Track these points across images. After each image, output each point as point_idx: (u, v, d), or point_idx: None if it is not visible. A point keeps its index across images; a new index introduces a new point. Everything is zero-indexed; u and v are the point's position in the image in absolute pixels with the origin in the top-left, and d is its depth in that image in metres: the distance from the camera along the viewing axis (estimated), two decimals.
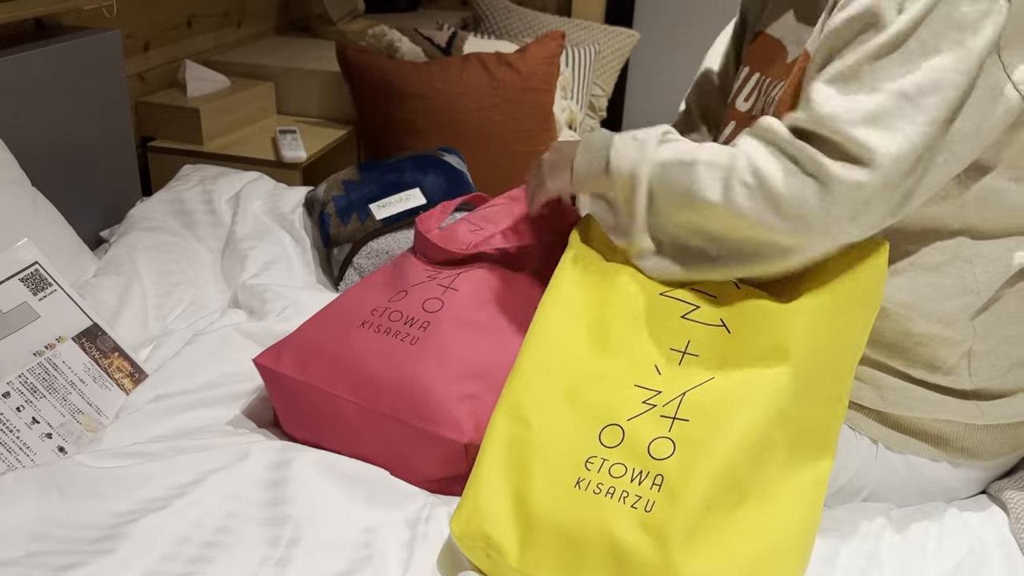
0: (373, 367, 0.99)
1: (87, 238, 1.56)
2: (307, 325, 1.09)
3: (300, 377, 1.02)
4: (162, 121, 2.04)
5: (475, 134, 2.07)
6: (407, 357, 0.99)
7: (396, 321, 1.04)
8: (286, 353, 1.05)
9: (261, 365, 1.05)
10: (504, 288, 1.09)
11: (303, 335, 1.07)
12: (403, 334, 1.02)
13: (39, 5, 1.54)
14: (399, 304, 1.06)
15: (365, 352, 1.01)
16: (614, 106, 3.01)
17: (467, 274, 1.09)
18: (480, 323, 1.04)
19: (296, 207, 1.61)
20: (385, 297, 1.08)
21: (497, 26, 2.70)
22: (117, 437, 1.03)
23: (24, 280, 1.12)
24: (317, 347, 1.04)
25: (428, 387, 0.96)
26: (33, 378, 1.07)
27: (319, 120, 2.28)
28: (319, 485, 0.92)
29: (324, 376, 1.01)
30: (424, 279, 1.10)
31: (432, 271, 1.11)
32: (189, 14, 2.21)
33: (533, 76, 2.10)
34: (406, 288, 1.09)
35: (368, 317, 1.05)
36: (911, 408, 0.94)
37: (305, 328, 1.08)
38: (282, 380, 1.03)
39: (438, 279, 1.09)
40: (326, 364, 1.02)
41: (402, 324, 1.03)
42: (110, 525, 0.86)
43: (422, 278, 1.10)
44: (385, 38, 2.19)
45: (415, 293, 1.07)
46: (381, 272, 1.16)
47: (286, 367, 1.03)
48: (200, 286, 1.43)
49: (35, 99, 1.51)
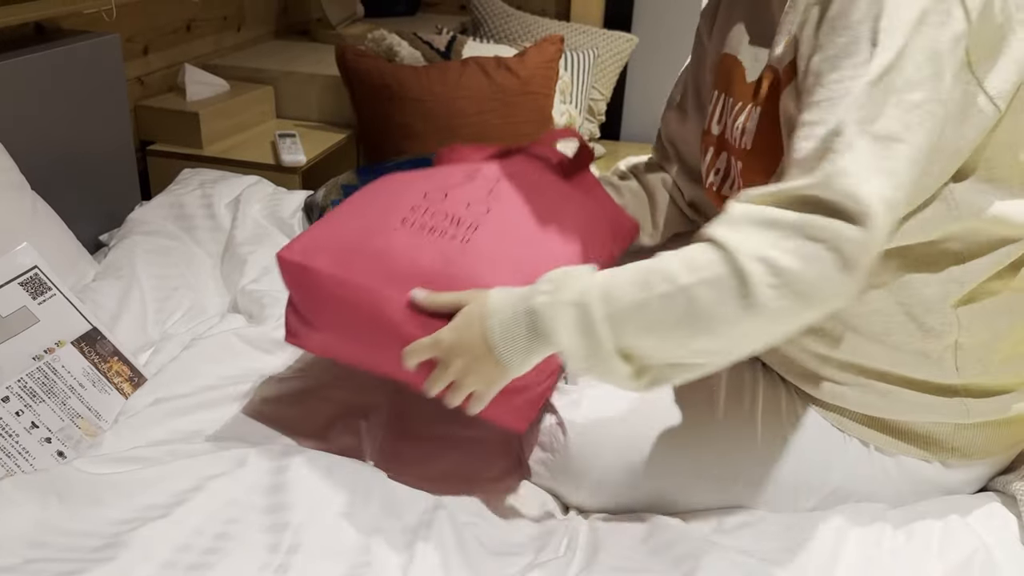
0: (423, 265, 0.91)
1: (86, 242, 1.56)
2: (334, 220, 0.99)
3: (341, 274, 0.92)
4: (161, 125, 2.04)
5: (474, 138, 2.07)
6: (460, 257, 0.92)
7: (441, 220, 0.96)
8: (320, 249, 0.94)
9: (289, 261, 0.95)
10: (542, 187, 1.05)
11: (333, 230, 0.96)
12: (450, 234, 0.94)
13: (39, 9, 1.55)
14: (441, 204, 0.98)
15: (413, 250, 0.92)
16: (613, 110, 3.01)
17: (506, 175, 1.03)
18: (527, 228, 0.98)
19: (295, 211, 1.61)
20: (420, 193, 1.00)
21: (496, 30, 2.70)
22: (116, 441, 1.03)
23: (23, 284, 1.12)
24: (356, 243, 0.94)
25: (486, 287, 0.90)
26: (32, 382, 1.06)
27: (318, 124, 2.28)
28: (318, 490, 0.92)
29: (368, 273, 0.91)
30: (461, 180, 1.02)
31: (468, 170, 1.04)
32: (188, 18, 2.21)
33: (532, 80, 2.10)
34: (444, 188, 1.01)
35: (408, 214, 0.97)
36: (897, 411, 0.95)
37: (333, 223, 0.98)
38: (315, 277, 0.93)
39: (477, 180, 1.02)
40: (369, 261, 0.92)
41: (448, 223, 0.95)
42: (110, 533, 0.86)
43: (459, 179, 1.02)
44: (384, 42, 2.19)
45: (457, 195, 0.99)
46: (405, 174, 1.07)
47: (321, 263, 0.93)
48: (199, 290, 1.43)
49: (35, 103, 1.51)
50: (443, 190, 1.00)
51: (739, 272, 0.75)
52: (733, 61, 1.03)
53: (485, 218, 0.96)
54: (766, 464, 0.98)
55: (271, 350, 1.21)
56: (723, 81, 1.05)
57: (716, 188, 1.06)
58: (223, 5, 2.36)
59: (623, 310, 0.79)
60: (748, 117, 0.97)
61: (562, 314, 0.81)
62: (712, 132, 1.07)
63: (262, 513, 0.89)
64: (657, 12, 2.95)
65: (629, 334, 0.79)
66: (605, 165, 2.68)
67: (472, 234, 0.94)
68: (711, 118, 1.08)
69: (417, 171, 1.07)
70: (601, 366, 0.81)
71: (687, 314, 0.77)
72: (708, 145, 1.08)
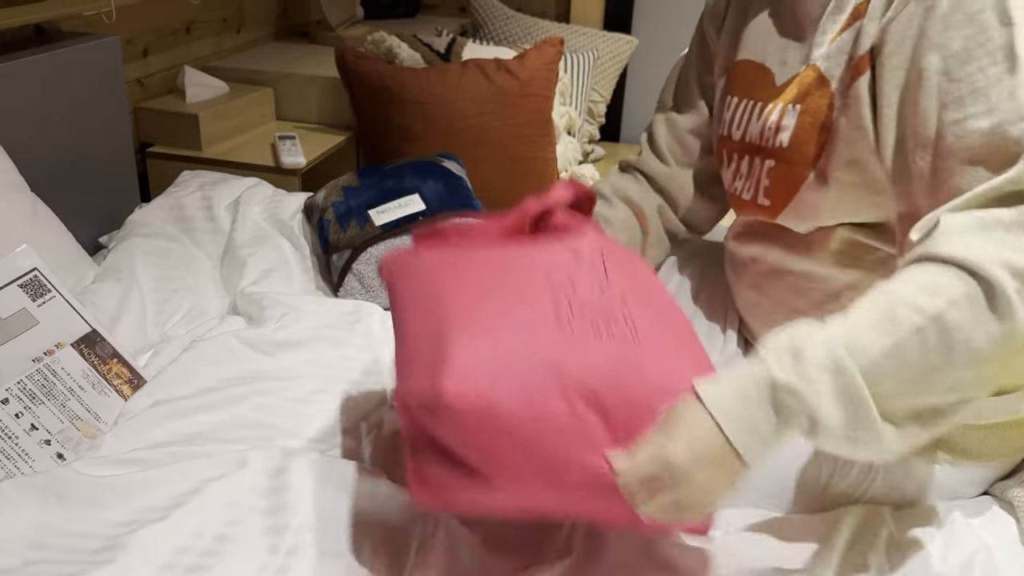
0: (612, 379, 0.75)
1: (86, 244, 1.56)
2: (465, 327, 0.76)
3: (531, 405, 0.72)
4: (161, 127, 2.04)
5: (474, 140, 2.07)
6: (643, 360, 0.77)
7: (593, 315, 0.79)
8: (485, 373, 0.73)
9: (459, 398, 0.71)
10: (614, 251, 0.91)
11: (478, 343, 0.75)
12: (613, 333, 0.78)
13: (39, 11, 1.55)
14: (576, 295, 0.81)
15: (589, 361, 0.75)
16: (612, 112, 3.01)
17: (595, 247, 0.88)
18: (658, 306, 0.85)
19: (295, 213, 1.61)
20: (544, 280, 0.82)
21: (496, 32, 2.71)
22: (116, 444, 1.03)
23: (23, 286, 1.11)
24: (523, 361, 0.74)
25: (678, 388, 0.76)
26: (32, 384, 1.06)
27: (318, 126, 2.28)
28: (318, 492, 0.92)
29: (558, 398, 0.73)
30: (568, 258, 0.86)
31: (557, 243, 0.88)
32: (188, 20, 2.21)
33: (532, 82, 2.10)
34: (561, 271, 0.84)
35: (556, 310, 0.78)
36: None
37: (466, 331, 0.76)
38: (497, 415, 0.72)
39: (582, 256, 0.86)
40: (549, 381, 0.74)
41: (603, 320, 0.79)
42: (109, 535, 0.86)
43: (564, 256, 0.86)
44: (384, 44, 2.19)
45: (582, 281, 0.83)
46: (486, 251, 0.88)
47: (502, 394, 0.72)
48: (199, 292, 1.43)
49: (34, 105, 1.51)
50: (564, 273, 0.83)
51: (986, 284, 0.69)
52: (755, 67, 1.03)
53: (630, 308, 0.82)
54: (769, 464, 0.98)
55: (271, 352, 1.21)
56: (742, 87, 1.05)
57: (740, 193, 1.05)
58: (223, 7, 2.36)
59: (876, 361, 0.70)
60: (782, 115, 0.96)
61: (816, 385, 0.70)
62: (732, 138, 1.06)
63: (262, 515, 0.89)
64: (657, 14, 2.95)
65: (888, 387, 0.70)
66: (604, 167, 2.68)
67: (634, 330, 0.79)
68: (729, 125, 1.06)
69: (496, 245, 0.89)
70: (864, 434, 0.71)
71: (942, 344, 0.69)
72: (731, 152, 1.06)
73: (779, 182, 0.98)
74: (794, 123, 0.95)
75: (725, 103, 1.08)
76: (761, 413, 0.71)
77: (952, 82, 0.79)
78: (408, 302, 0.85)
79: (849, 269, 0.98)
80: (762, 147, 1.00)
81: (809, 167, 0.94)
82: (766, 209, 1.01)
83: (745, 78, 1.05)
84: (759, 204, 1.02)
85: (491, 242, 0.94)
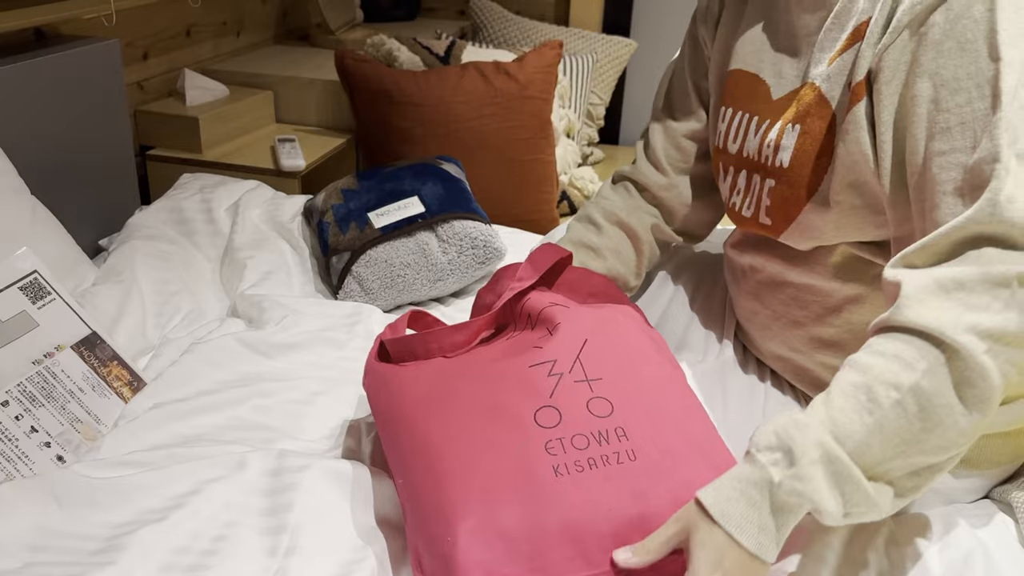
0: (620, 515, 0.76)
1: (86, 247, 1.57)
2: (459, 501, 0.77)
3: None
4: (161, 130, 2.04)
5: (473, 142, 2.08)
6: (647, 482, 0.78)
7: (585, 445, 0.80)
8: (502, 560, 0.74)
9: None
10: (601, 325, 0.93)
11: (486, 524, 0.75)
12: (610, 460, 0.79)
13: (38, 14, 1.55)
14: (561, 424, 0.81)
15: (595, 504, 0.76)
16: (611, 114, 3.02)
17: (569, 333, 0.89)
18: (653, 397, 0.86)
19: (295, 216, 1.61)
20: (525, 415, 0.82)
21: (495, 35, 2.71)
22: (115, 446, 1.03)
23: (23, 289, 1.12)
24: (532, 534, 0.75)
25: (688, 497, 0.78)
26: (32, 387, 1.07)
27: (318, 129, 2.28)
28: (317, 493, 0.92)
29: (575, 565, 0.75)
30: (538, 371, 0.86)
31: (525, 351, 0.89)
32: (188, 23, 2.22)
33: (531, 85, 2.11)
34: (537, 390, 0.85)
35: (546, 454, 0.79)
36: None
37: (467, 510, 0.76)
38: None
39: (557, 359, 0.87)
40: (564, 547, 0.75)
41: (595, 444, 0.80)
42: (108, 536, 0.86)
43: (532, 370, 0.87)
44: (384, 47, 2.19)
45: (562, 395, 0.84)
46: (452, 384, 0.88)
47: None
48: (199, 295, 1.43)
49: (34, 108, 1.51)
50: (539, 395, 0.84)
51: (952, 352, 0.71)
52: (750, 78, 1.01)
53: (621, 415, 0.82)
54: None
55: (270, 354, 1.22)
56: (737, 98, 1.03)
57: (739, 209, 1.04)
58: (223, 10, 2.36)
59: (863, 441, 0.72)
60: (781, 134, 0.95)
61: (813, 480, 0.72)
62: (728, 151, 1.05)
63: (260, 516, 0.89)
64: (656, 17, 2.96)
65: (878, 458, 0.73)
66: (603, 170, 2.68)
67: (629, 444, 0.80)
68: (725, 136, 1.05)
69: (464, 375, 0.89)
70: (862, 509, 0.74)
71: (923, 412, 0.72)
72: (727, 164, 1.05)
73: (781, 203, 0.97)
74: (794, 144, 0.94)
75: (720, 114, 1.07)
76: (766, 514, 0.73)
77: (940, 112, 0.78)
78: (398, 435, 0.88)
79: (850, 283, 0.97)
80: (761, 164, 0.99)
81: (811, 189, 0.93)
82: (768, 228, 1.01)
83: (740, 89, 1.03)
84: (761, 223, 1.01)
85: (462, 351, 0.96)
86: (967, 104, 0.77)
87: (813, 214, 0.94)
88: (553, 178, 2.19)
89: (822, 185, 0.92)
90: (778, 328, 1.05)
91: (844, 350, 0.98)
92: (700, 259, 1.29)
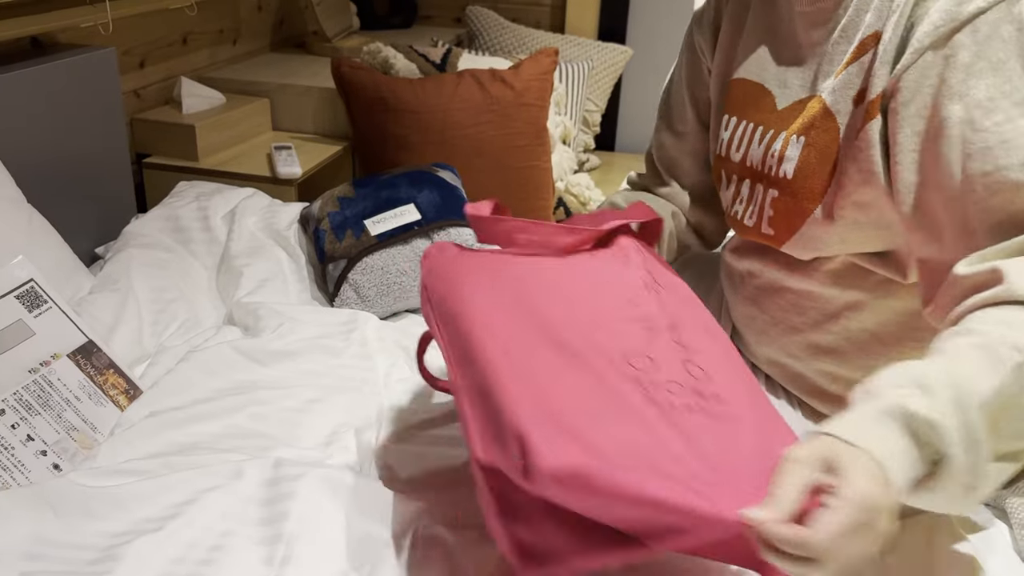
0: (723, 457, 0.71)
1: (82, 255, 1.57)
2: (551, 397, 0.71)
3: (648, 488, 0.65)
4: (157, 138, 2.04)
5: (469, 150, 2.08)
6: (737, 437, 0.73)
7: (682, 394, 0.75)
8: (588, 446, 0.67)
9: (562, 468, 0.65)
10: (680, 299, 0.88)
11: (566, 412, 0.70)
12: (705, 409, 0.74)
13: (35, 23, 1.55)
14: (660, 371, 0.77)
15: (694, 441, 0.71)
16: (607, 121, 3.02)
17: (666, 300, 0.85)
18: (732, 366, 0.82)
19: (291, 223, 1.61)
20: (619, 350, 0.77)
21: (491, 43, 2.72)
22: (112, 454, 1.03)
23: (19, 297, 1.12)
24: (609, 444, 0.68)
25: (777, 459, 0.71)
26: (28, 395, 1.06)
27: (314, 136, 2.29)
28: (314, 501, 0.92)
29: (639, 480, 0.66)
30: (639, 331, 0.81)
31: (630, 302, 0.84)
32: (185, 31, 2.22)
33: (527, 92, 2.11)
34: (638, 344, 0.79)
35: (639, 388, 0.74)
36: None
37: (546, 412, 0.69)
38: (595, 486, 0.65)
39: (642, 320, 0.82)
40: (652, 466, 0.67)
41: (698, 397, 0.75)
42: (105, 545, 0.86)
43: (637, 330, 0.81)
44: (380, 55, 2.20)
45: (660, 355, 0.79)
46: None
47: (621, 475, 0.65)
48: (195, 303, 1.43)
49: (31, 116, 1.51)
50: (636, 341, 0.79)
51: None
52: (754, 87, 1.01)
53: (718, 383, 0.77)
54: None
55: (267, 362, 1.22)
56: (740, 107, 1.03)
57: (741, 218, 1.04)
58: (219, 18, 2.37)
59: (988, 401, 0.68)
60: (786, 145, 0.95)
61: (951, 420, 0.66)
62: (731, 159, 1.05)
63: (257, 526, 0.89)
64: (651, 24, 2.97)
65: (996, 425, 0.69)
66: (599, 176, 2.69)
67: (728, 409, 0.75)
68: (728, 145, 1.05)
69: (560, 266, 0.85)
70: (979, 478, 0.68)
71: None
72: (730, 173, 1.05)
73: (784, 214, 0.97)
74: (799, 155, 0.93)
75: (722, 122, 1.07)
76: (904, 443, 0.66)
77: (977, 132, 0.79)
78: (470, 320, 0.79)
79: (849, 290, 0.97)
80: (765, 174, 0.99)
81: (815, 202, 0.93)
82: (771, 238, 1.01)
83: (743, 98, 1.03)
84: (763, 233, 1.01)
85: (554, 254, 0.91)
86: (1007, 122, 0.77)
87: (816, 227, 0.94)
88: (549, 185, 2.19)
89: (826, 198, 0.92)
90: (775, 334, 1.06)
91: (841, 357, 0.98)
92: (697, 263, 1.29)
